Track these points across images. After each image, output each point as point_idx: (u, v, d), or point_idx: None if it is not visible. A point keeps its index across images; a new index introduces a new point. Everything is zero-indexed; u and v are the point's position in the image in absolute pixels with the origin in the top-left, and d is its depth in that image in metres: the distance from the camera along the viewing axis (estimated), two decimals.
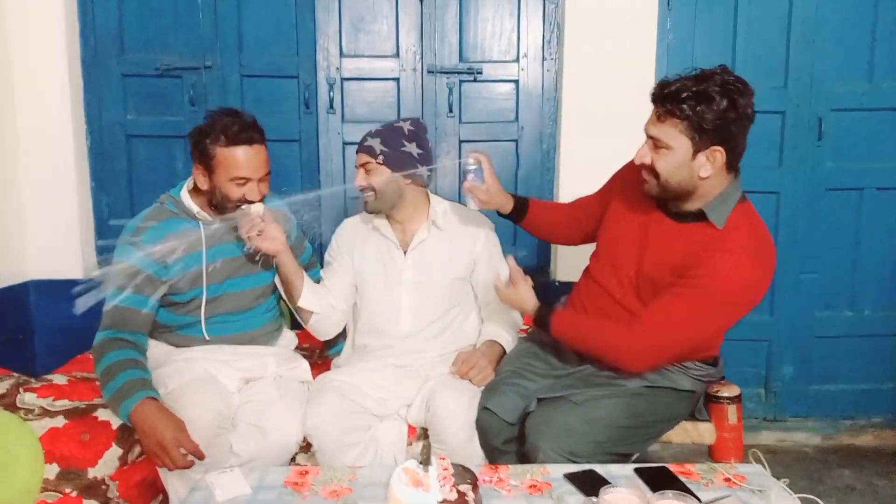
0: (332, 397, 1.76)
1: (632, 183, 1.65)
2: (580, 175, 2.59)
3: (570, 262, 2.67)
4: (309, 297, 1.84)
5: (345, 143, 2.69)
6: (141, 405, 1.49)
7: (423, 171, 1.83)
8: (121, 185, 2.73)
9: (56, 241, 2.58)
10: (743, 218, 1.50)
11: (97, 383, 1.59)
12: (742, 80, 1.44)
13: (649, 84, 2.55)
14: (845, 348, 2.76)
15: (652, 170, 1.49)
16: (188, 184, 1.82)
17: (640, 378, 1.61)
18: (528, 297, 1.68)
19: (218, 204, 1.74)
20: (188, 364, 1.77)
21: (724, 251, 1.45)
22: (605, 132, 2.50)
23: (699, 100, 1.39)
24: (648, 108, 2.51)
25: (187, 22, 2.64)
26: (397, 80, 2.69)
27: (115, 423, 1.57)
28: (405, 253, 1.91)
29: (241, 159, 1.68)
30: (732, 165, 1.48)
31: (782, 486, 1.35)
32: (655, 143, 1.47)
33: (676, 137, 1.43)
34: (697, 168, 1.44)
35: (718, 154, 1.43)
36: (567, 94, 2.61)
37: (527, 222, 1.90)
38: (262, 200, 1.75)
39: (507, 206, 1.85)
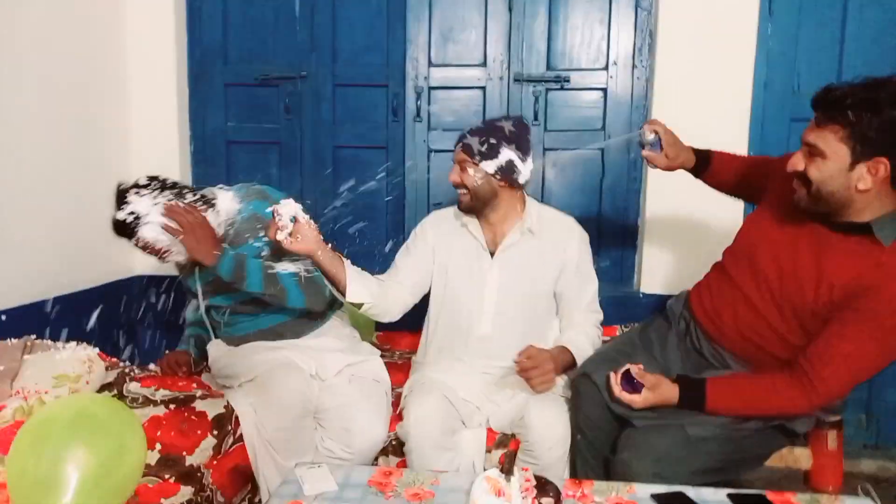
0: (435, 399, 1.76)
1: (784, 183, 1.53)
2: (668, 186, 2.53)
3: (657, 274, 2.60)
4: (357, 290, 1.73)
5: (430, 151, 2.73)
6: None
7: (520, 173, 1.81)
8: None
9: None
10: None
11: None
12: None
13: (746, 93, 2.50)
14: None
15: (804, 178, 1.40)
16: None
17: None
18: (667, 388, 1.55)
19: None
20: (263, 354, 1.86)
21: None
22: (696, 143, 2.39)
23: (865, 107, 1.30)
24: (744, 118, 2.46)
25: (286, 34, 2.77)
26: (483, 88, 2.71)
27: (212, 413, 1.66)
28: (492, 255, 1.90)
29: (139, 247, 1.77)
30: None
31: None
32: (811, 150, 1.38)
33: (834, 145, 1.34)
34: (855, 179, 1.35)
35: (882, 166, 1.33)
36: (657, 103, 2.55)
37: (709, 176, 1.82)
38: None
39: (690, 162, 1.80)
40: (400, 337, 2.48)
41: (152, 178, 1.73)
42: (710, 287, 1.68)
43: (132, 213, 1.68)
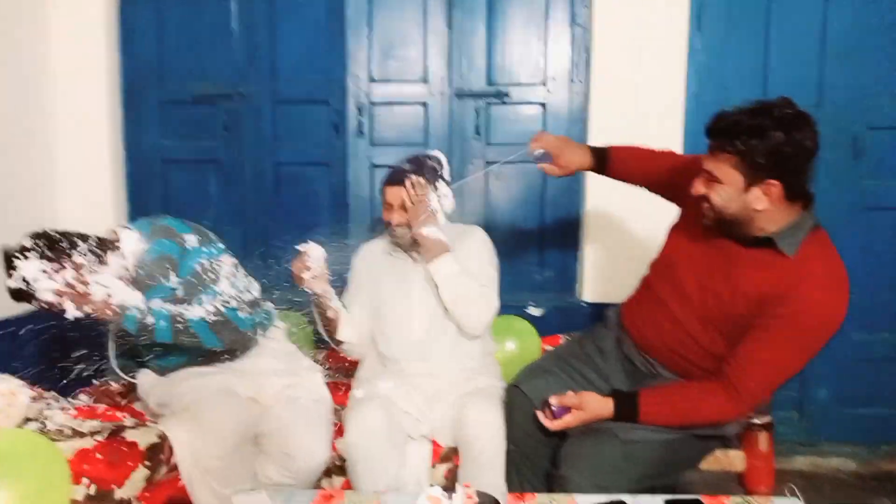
0: (376, 412, 1.76)
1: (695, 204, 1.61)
2: (607, 197, 2.60)
3: (598, 283, 2.65)
4: (348, 332, 1.95)
5: (373, 166, 2.73)
6: None
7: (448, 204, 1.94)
8: (157, 210, 2.69)
9: None
10: (816, 247, 1.46)
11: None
12: (803, 114, 1.42)
13: (679, 106, 2.58)
14: (885, 372, 2.67)
15: (708, 200, 1.48)
16: None
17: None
18: (597, 404, 1.58)
19: None
20: (198, 379, 1.81)
21: (807, 285, 1.42)
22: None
23: (753, 133, 1.38)
24: (676, 130, 2.54)
25: (222, 50, 2.73)
26: (425, 104, 2.73)
27: (143, 442, 1.60)
28: (415, 262, 1.95)
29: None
30: (796, 197, 1.45)
31: None
32: (709, 177, 1.47)
33: (728, 172, 1.42)
34: (752, 201, 1.43)
35: (774, 188, 1.41)
36: (594, 117, 2.61)
37: (611, 172, 1.87)
38: None
39: (587, 163, 1.84)
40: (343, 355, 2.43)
41: (37, 237, 1.63)
42: (638, 302, 1.75)
43: (23, 279, 1.58)
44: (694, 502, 1.40)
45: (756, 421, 1.68)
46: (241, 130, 2.76)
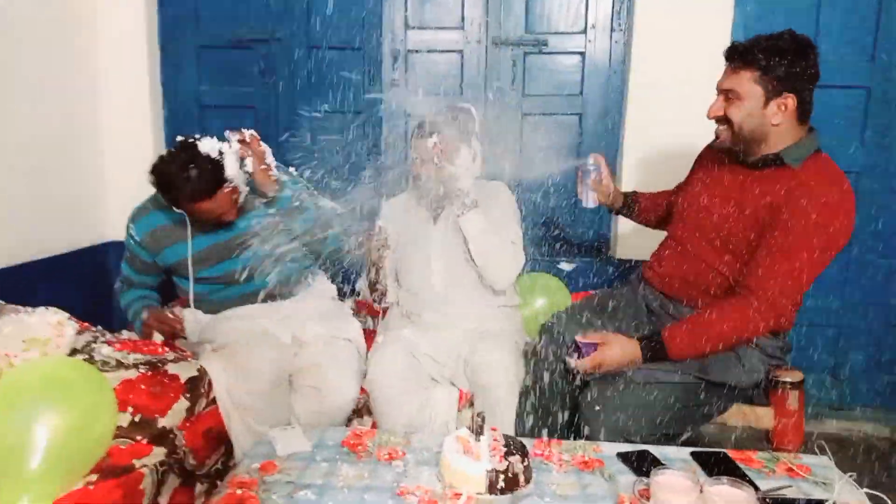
0: (395, 351, 1.85)
1: (707, 159, 1.78)
2: (645, 151, 2.55)
3: (630, 240, 2.62)
4: (392, 293, 2.04)
5: (407, 115, 2.70)
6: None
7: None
8: None
9: (134, 204, 2.66)
10: (820, 162, 1.57)
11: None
12: (811, 41, 1.55)
13: (723, 57, 2.48)
14: None
15: (725, 120, 1.59)
16: None
17: (700, 368, 1.59)
18: (623, 342, 1.59)
19: None
20: (241, 321, 1.89)
21: (811, 191, 1.50)
22: (673, 107, 2.40)
23: (772, 51, 1.52)
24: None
25: None
26: (461, 52, 2.67)
27: (184, 375, 1.66)
28: (434, 222, 2.01)
29: (206, 209, 1.79)
30: (803, 117, 1.57)
31: (848, 480, 1.29)
32: (727, 96, 1.58)
33: (749, 86, 1.54)
34: (770, 116, 1.54)
35: (790, 101, 1.53)
36: (635, 67, 2.54)
37: (637, 216, 2.01)
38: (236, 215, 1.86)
39: (619, 201, 1.98)
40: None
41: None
42: (658, 253, 1.83)
43: (216, 152, 1.74)
44: (719, 455, 1.41)
45: (787, 379, 1.66)
46: (277, 76, 2.74)
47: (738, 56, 1.56)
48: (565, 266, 2.61)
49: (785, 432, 1.66)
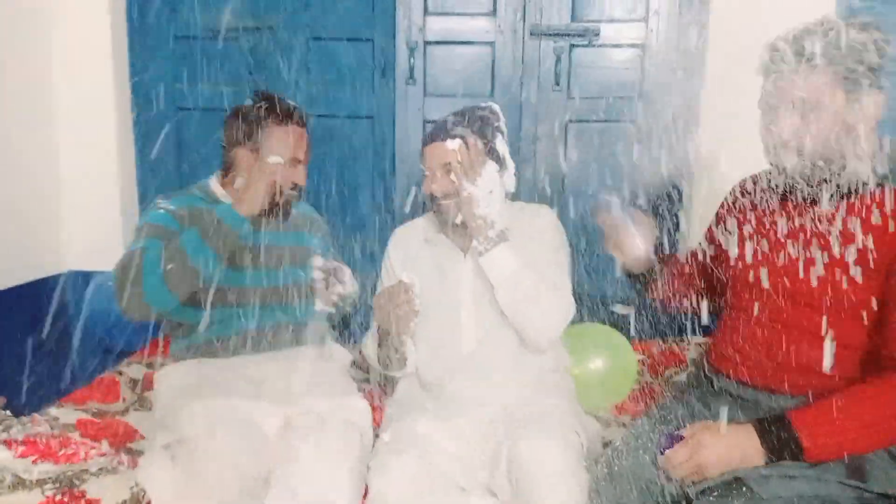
0: (409, 460, 1.37)
1: (742, 199, 1.46)
2: (724, 175, 2.11)
3: None
4: (412, 361, 1.63)
5: (425, 121, 2.39)
6: None
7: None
8: (169, 165, 2.50)
9: (96, 230, 2.39)
10: None
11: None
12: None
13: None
14: None
15: (797, 140, 1.27)
16: (218, 174, 1.72)
17: (847, 473, 1.14)
18: (733, 435, 1.20)
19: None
20: (213, 398, 1.46)
21: None
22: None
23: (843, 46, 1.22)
24: None
25: None
26: (492, 44, 2.34)
27: (110, 500, 1.19)
28: (465, 255, 1.61)
29: (293, 139, 1.63)
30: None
31: None
32: (801, 108, 1.26)
33: (825, 90, 1.24)
34: (854, 121, 1.25)
35: (880, 97, 1.23)
36: (712, 64, 2.15)
37: (663, 286, 1.58)
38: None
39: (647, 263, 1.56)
40: None
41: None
42: (724, 335, 1.43)
43: None
44: None
45: None
46: (269, 74, 2.42)
47: (801, 55, 1.27)
48: (621, 309, 2.15)
49: None
